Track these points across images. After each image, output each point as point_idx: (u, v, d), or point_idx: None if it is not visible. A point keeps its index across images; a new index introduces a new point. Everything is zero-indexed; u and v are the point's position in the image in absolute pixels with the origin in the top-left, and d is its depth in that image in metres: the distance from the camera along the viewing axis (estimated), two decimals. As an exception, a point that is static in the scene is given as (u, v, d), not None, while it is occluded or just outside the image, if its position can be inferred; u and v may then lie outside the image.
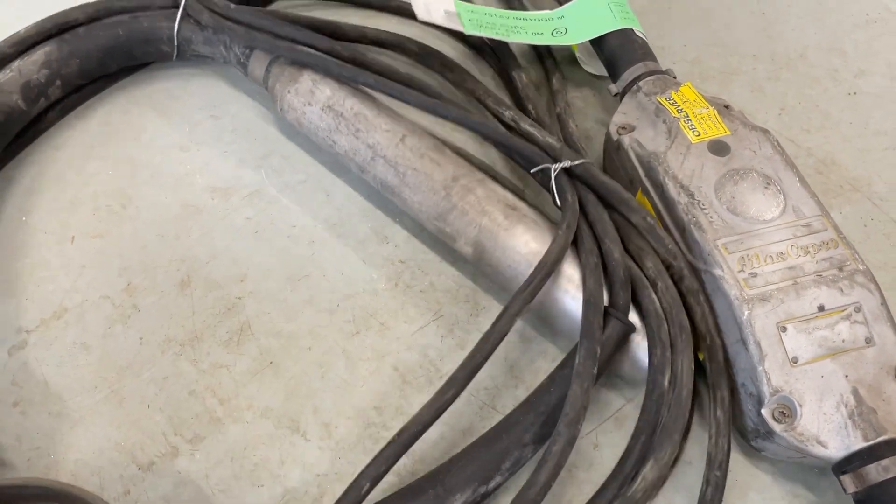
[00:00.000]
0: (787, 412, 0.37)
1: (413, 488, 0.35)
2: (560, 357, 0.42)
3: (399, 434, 0.34)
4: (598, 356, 0.36)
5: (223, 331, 0.44)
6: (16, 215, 0.47)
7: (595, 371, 0.36)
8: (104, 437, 0.40)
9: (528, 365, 0.43)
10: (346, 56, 0.48)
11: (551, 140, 0.46)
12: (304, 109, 0.48)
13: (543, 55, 0.57)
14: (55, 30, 0.50)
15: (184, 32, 0.51)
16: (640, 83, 0.48)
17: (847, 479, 0.36)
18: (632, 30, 0.52)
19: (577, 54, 0.56)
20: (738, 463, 0.40)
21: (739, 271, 0.40)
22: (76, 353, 0.42)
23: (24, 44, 0.49)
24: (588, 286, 0.39)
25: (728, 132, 0.45)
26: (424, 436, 0.35)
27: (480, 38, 0.55)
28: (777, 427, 0.37)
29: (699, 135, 0.45)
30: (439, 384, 0.38)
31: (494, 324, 0.37)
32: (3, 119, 0.46)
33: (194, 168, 0.50)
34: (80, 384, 0.41)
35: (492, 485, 0.35)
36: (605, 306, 0.38)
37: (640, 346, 0.39)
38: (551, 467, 0.33)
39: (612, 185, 0.43)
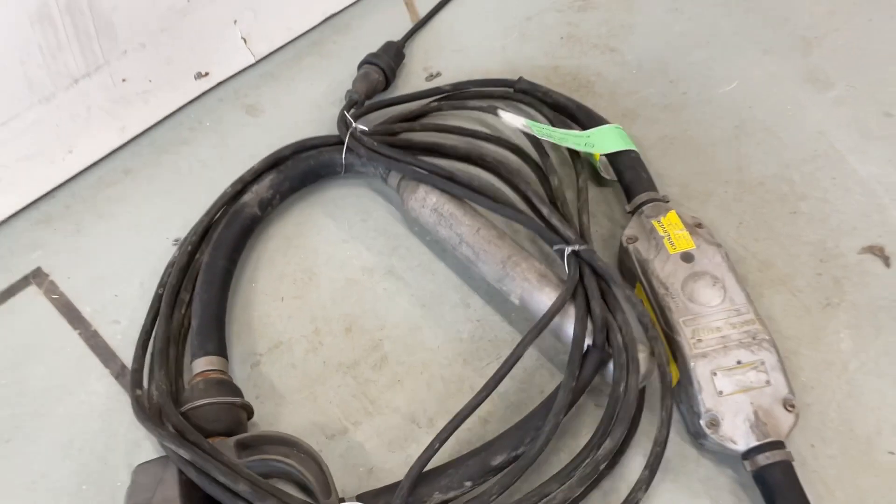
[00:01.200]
0: (715, 423, 0.63)
1: (474, 451, 0.63)
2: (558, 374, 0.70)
3: (456, 415, 0.61)
4: (577, 376, 0.62)
5: (371, 360, 0.73)
6: (248, 283, 0.78)
7: (574, 383, 0.62)
8: (306, 419, 0.70)
9: (550, 380, 0.72)
10: (444, 173, 0.76)
11: (569, 232, 0.71)
12: (420, 210, 0.76)
13: (575, 160, 0.83)
14: (274, 162, 0.81)
15: (349, 159, 0.81)
16: (644, 207, 0.75)
17: (748, 463, 0.62)
18: (642, 164, 0.79)
19: (598, 164, 0.83)
20: (690, 452, 0.66)
21: (691, 338, 0.66)
22: (288, 369, 0.73)
23: (257, 173, 0.80)
24: (575, 331, 0.64)
25: (694, 246, 0.71)
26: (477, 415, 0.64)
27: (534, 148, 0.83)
28: (709, 432, 0.63)
29: (675, 248, 0.71)
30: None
31: (514, 350, 0.63)
32: (250, 223, 0.77)
33: (352, 255, 0.80)
34: (291, 387, 0.71)
35: (520, 451, 0.62)
36: (588, 344, 0.64)
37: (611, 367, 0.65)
38: (542, 441, 0.60)
39: (603, 265, 0.68)
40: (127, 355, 0.72)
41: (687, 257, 0.70)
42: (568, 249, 0.69)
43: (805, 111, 0.88)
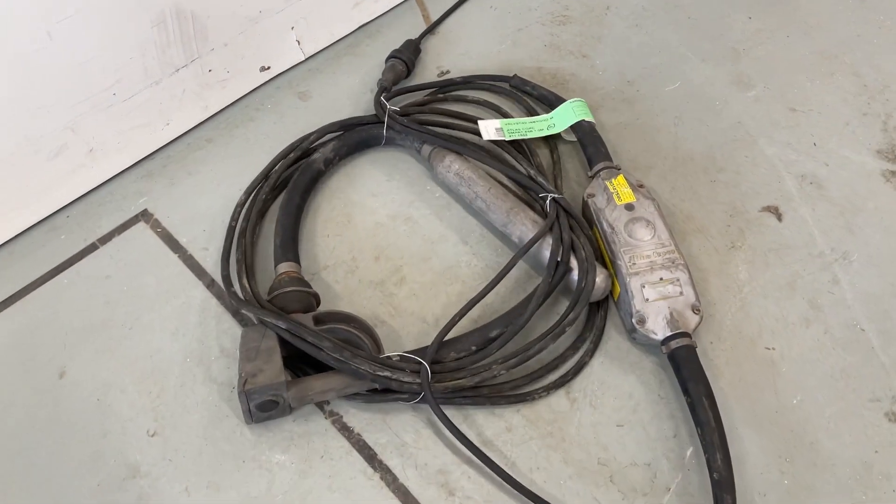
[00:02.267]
0: (642, 321, 0.87)
1: (480, 328, 0.88)
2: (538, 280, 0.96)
3: (469, 301, 0.88)
4: (553, 276, 0.90)
5: (393, 279, 0.98)
6: (309, 223, 1.04)
7: (550, 280, 0.89)
8: (352, 311, 0.96)
9: (531, 284, 0.97)
10: (468, 145, 1.03)
11: (550, 186, 0.99)
12: (446, 174, 1.02)
13: (549, 140, 1.09)
14: (337, 130, 1.07)
15: (390, 134, 1.07)
16: (601, 172, 1.01)
17: (664, 348, 0.87)
18: (601, 140, 1.05)
19: (562, 134, 1.09)
20: (627, 345, 0.90)
21: (629, 262, 0.91)
22: (332, 286, 0.98)
23: (322, 138, 1.07)
24: (553, 248, 0.91)
25: (635, 199, 0.97)
26: (493, 304, 0.91)
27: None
28: (638, 327, 0.88)
29: (621, 200, 0.97)
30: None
31: (509, 262, 0.90)
32: (316, 174, 1.03)
33: (379, 205, 1.06)
34: (335, 298, 0.96)
35: (508, 329, 0.88)
36: (558, 260, 0.91)
37: (574, 276, 0.91)
38: (527, 315, 0.86)
39: (572, 209, 0.96)
40: (213, 272, 0.98)
41: (629, 207, 0.96)
42: (549, 197, 0.96)
43: (729, 106, 1.14)
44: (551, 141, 1.10)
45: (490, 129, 1.07)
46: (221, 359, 0.91)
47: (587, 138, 1.05)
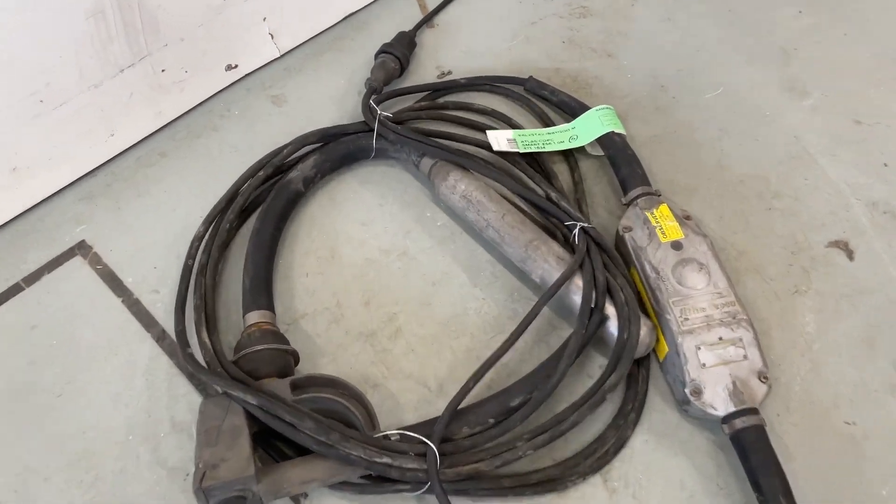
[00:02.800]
0: (698, 391, 0.71)
1: (496, 395, 0.71)
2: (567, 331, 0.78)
3: (486, 361, 0.71)
4: (586, 326, 0.73)
5: (387, 331, 0.81)
6: (285, 259, 0.86)
7: (584, 332, 0.72)
8: (337, 372, 0.78)
9: (557, 337, 0.80)
10: (476, 159, 0.86)
11: (577, 214, 0.82)
12: (450, 196, 0.84)
13: (569, 155, 0.92)
14: (317, 141, 0.89)
15: (381, 145, 0.89)
16: (638, 200, 0.83)
17: (726, 427, 0.70)
18: (637, 161, 0.88)
19: (587, 148, 0.92)
20: (676, 418, 0.73)
21: (679, 316, 0.74)
22: (312, 338, 0.80)
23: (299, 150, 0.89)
24: (584, 291, 0.74)
25: (683, 236, 0.80)
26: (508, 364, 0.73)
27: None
28: (692, 399, 0.71)
29: (666, 237, 0.80)
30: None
31: (532, 308, 0.73)
32: (294, 198, 0.85)
33: (369, 236, 0.88)
34: (315, 354, 0.79)
35: (533, 395, 0.71)
36: (591, 307, 0.74)
37: (612, 326, 0.74)
38: (557, 378, 0.70)
39: (606, 242, 0.79)
40: (166, 321, 0.80)
41: (676, 245, 0.78)
42: (577, 226, 0.79)
43: (782, 117, 0.97)
44: (571, 157, 0.92)
45: (501, 139, 0.89)
46: (173, 435, 0.73)
47: (620, 156, 0.88)
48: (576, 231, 0.79)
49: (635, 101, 0.99)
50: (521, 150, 0.89)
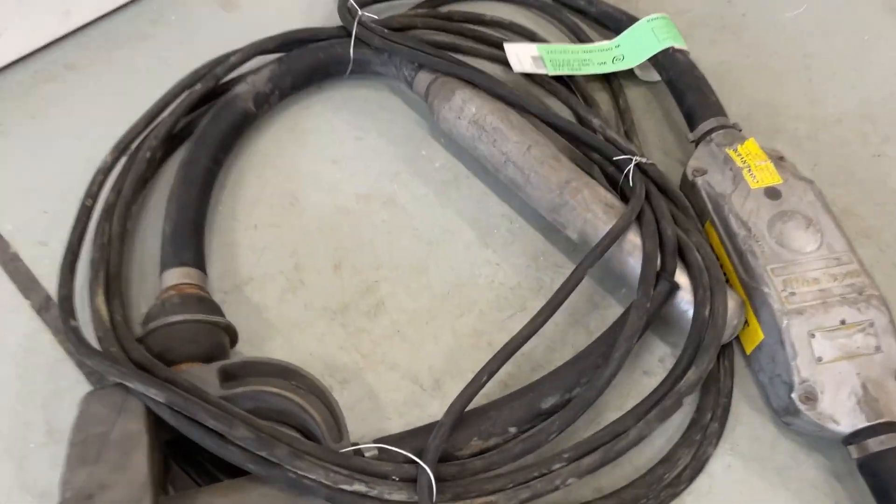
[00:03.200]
0: (811, 397, 0.50)
1: (519, 392, 0.52)
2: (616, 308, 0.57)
3: (506, 345, 0.50)
4: (651, 296, 0.51)
5: (364, 304, 0.58)
6: (217, 206, 0.62)
7: (648, 305, 0.51)
8: (292, 359, 0.54)
9: (600, 318, 0.58)
10: (487, 75, 0.63)
11: (631, 147, 0.60)
12: (455, 122, 0.62)
13: (611, 78, 0.71)
14: (277, 49, 0.66)
15: (362, 55, 0.67)
16: (713, 135, 0.62)
17: (853, 449, 0.49)
18: (707, 85, 0.65)
19: (636, 71, 0.71)
20: (772, 434, 0.54)
21: (782, 290, 0.52)
22: (260, 311, 0.58)
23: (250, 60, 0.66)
24: (646, 248, 0.53)
25: (781, 181, 0.57)
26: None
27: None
28: (803, 408, 0.50)
29: (758, 182, 0.57)
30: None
31: (572, 273, 0.52)
32: (242, 120, 0.63)
33: (344, 177, 0.65)
34: (262, 334, 0.57)
35: (574, 393, 0.51)
36: (657, 270, 0.52)
37: (683, 300, 0.53)
38: (612, 368, 0.49)
39: (671, 184, 0.58)
40: (53, 284, 0.56)
41: (773, 193, 0.56)
42: (633, 162, 0.57)
43: (886, 41, 0.75)
44: (613, 83, 0.70)
45: (524, 57, 0.67)
46: (49, 447, 0.52)
47: (684, 80, 0.65)
48: (630, 168, 0.57)
49: (695, 18, 0.78)
50: (550, 72, 0.67)
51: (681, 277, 0.53)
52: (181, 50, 0.71)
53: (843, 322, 0.51)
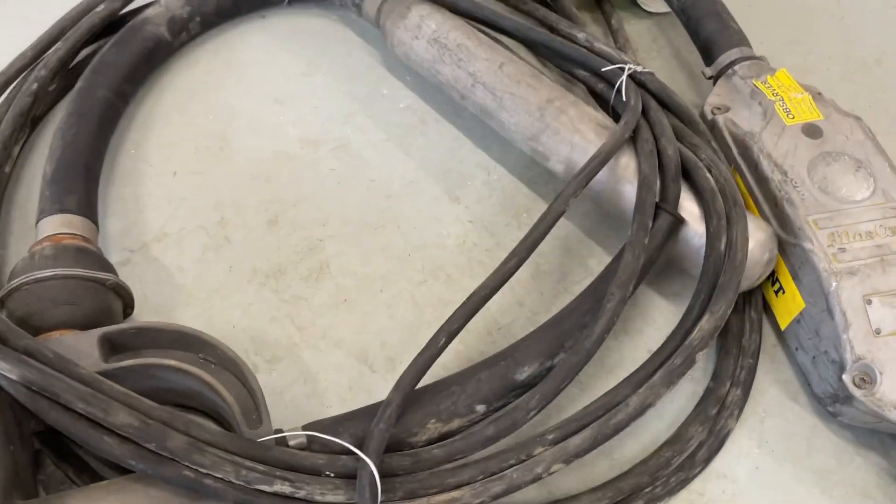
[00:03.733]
0: (867, 379, 0.41)
1: (488, 361, 0.41)
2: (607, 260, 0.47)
3: (469, 298, 0.40)
4: (649, 231, 0.41)
5: (304, 267, 0.48)
6: (126, 148, 0.52)
7: (646, 243, 0.41)
8: (210, 331, 0.44)
9: (584, 273, 0.48)
10: None
11: (624, 56, 0.51)
12: (412, 43, 0.53)
13: (602, 2, 0.62)
14: None
15: None
16: (736, 67, 0.53)
17: None
18: (726, 9, 0.55)
19: None
20: (814, 427, 0.44)
21: (829, 246, 0.43)
22: (173, 274, 0.47)
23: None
24: (643, 170, 0.44)
25: (822, 117, 0.48)
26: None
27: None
28: (857, 392, 0.40)
29: (794, 118, 0.48)
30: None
31: (551, 204, 0.42)
32: (153, 47, 0.53)
33: (288, 118, 0.54)
34: (174, 301, 0.46)
35: (556, 360, 0.41)
36: (656, 201, 0.43)
37: (696, 234, 0.43)
38: (605, 321, 0.39)
39: (672, 94, 0.49)
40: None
41: (812, 131, 0.46)
42: (626, 72, 0.48)
43: (930, -24, 0.65)
44: (605, 4, 0.60)
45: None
46: None
47: (699, 5, 0.55)
48: (622, 79, 0.48)
49: None
50: None
51: (691, 204, 0.43)
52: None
53: (904, 286, 0.40)
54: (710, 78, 0.53)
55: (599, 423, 0.37)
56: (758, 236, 0.42)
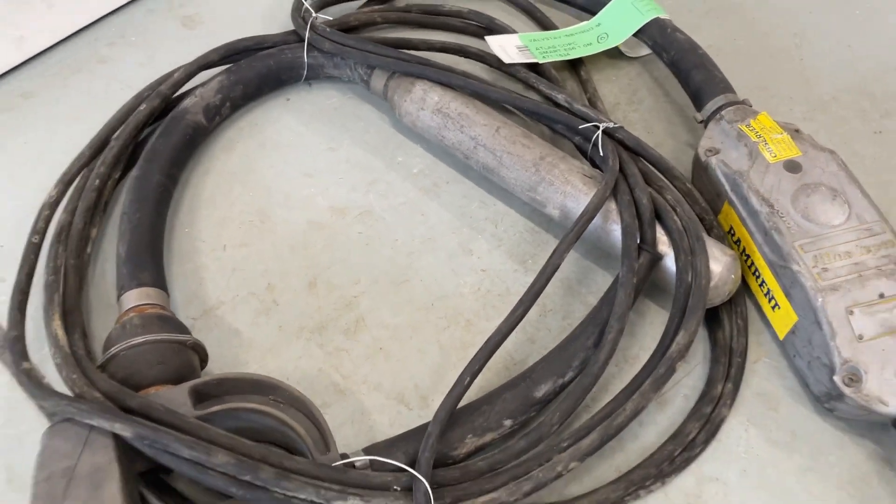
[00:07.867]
0: (855, 378, 0.46)
1: (510, 383, 0.49)
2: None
3: (486, 342, 0.47)
4: (636, 270, 0.50)
5: (343, 322, 0.55)
6: (179, 227, 0.59)
7: (634, 281, 0.49)
8: None
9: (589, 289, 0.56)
10: (441, 67, 0.60)
11: (599, 115, 0.58)
12: (419, 114, 0.60)
13: (572, 62, 0.69)
14: (222, 61, 0.64)
15: (315, 59, 0.64)
16: (723, 112, 0.59)
17: None
18: (710, 61, 0.62)
19: (622, 48, 0.68)
20: (813, 422, 0.50)
21: (814, 266, 0.49)
22: (230, 337, 0.54)
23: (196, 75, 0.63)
24: (624, 219, 0.52)
25: (800, 153, 0.54)
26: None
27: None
28: (847, 391, 0.46)
29: (776, 156, 0.54)
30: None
31: (550, 258, 0.50)
32: (193, 133, 0.60)
33: (316, 191, 0.61)
34: (236, 360, 0.53)
35: (567, 377, 0.49)
36: (638, 243, 0.51)
37: (671, 261, 0.51)
38: (608, 349, 0.47)
39: (642, 144, 0.56)
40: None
41: (792, 167, 0.53)
42: (600, 128, 0.56)
43: (880, 16, 0.72)
44: (578, 65, 0.68)
45: (509, 48, 0.64)
46: (7, 494, 0.47)
47: (686, 58, 0.63)
48: (598, 135, 0.56)
49: (679, 1, 0.73)
50: (541, 61, 0.64)
51: (665, 240, 0.52)
52: (142, 71, 0.67)
53: (881, 296, 0.48)
54: (700, 122, 0.60)
55: (604, 426, 0.45)
56: (724, 261, 0.50)
